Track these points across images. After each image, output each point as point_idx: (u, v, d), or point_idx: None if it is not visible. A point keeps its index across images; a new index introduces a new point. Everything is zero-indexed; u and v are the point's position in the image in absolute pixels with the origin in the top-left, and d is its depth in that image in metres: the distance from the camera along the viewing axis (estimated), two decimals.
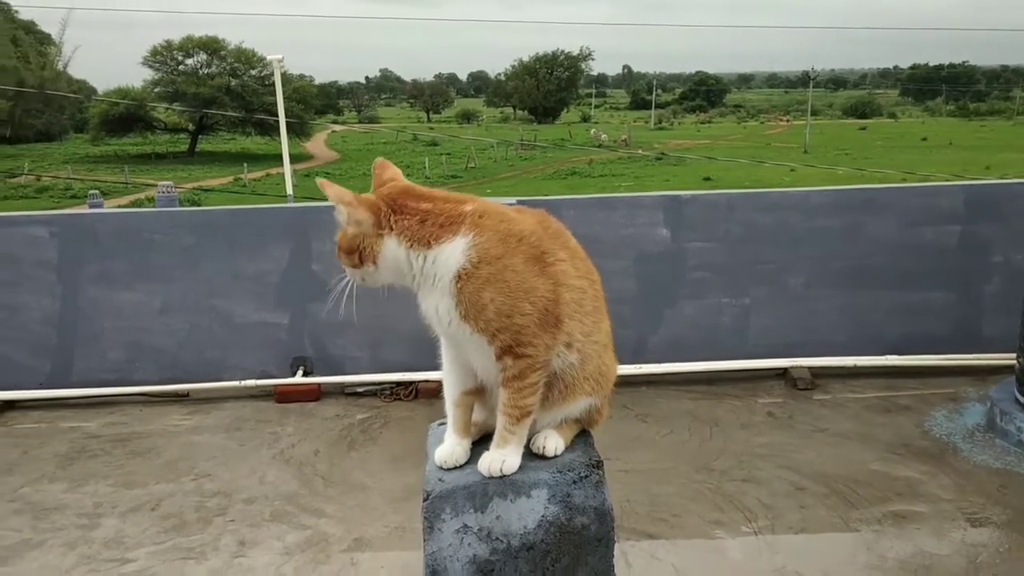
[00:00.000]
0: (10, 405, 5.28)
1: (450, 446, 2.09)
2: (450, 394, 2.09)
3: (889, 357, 5.44)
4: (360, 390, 5.37)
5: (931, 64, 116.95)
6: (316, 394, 5.31)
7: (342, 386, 5.40)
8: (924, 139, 59.92)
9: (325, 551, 3.60)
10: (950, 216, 5.46)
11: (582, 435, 2.18)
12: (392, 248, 1.89)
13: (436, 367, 5.75)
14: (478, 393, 2.06)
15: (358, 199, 1.90)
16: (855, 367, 5.42)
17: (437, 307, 1.90)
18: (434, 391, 5.27)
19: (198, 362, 5.44)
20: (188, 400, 5.35)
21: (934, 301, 5.51)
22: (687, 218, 5.48)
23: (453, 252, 1.86)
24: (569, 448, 2.11)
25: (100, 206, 10.86)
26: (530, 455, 2.06)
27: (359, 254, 1.92)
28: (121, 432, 4.90)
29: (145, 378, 5.42)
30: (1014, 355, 5.06)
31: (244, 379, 5.39)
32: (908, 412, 4.87)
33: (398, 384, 5.37)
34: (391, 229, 1.89)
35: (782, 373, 5.42)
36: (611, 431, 2.17)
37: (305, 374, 5.42)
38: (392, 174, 1.99)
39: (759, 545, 3.58)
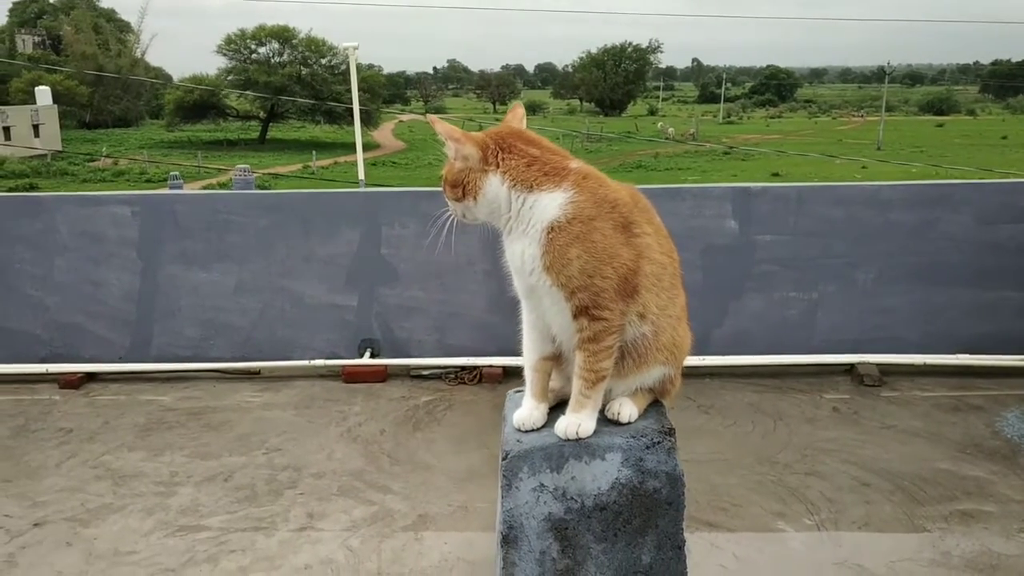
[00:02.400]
0: (92, 377, 5.49)
1: (528, 409, 2.17)
2: (529, 359, 2.14)
3: (960, 356, 5.34)
4: (425, 373, 5.47)
5: (1014, 60, 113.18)
6: (383, 375, 5.42)
7: (408, 369, 5.50)
8: (1004, 138, 58.12)
9: (390, 526, 3.69)
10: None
11: (655, 404, 2.25)
12: (495, 185, 1.98)
13: (500, 352, 5.81)
14: (555, 360, 2.11)
15: (466, 136, 2.01)
16: (925, 365, 5.33)
17: (524, 252, 1.96)
18: (498, 376, 5.35)
19: (270, 341, 5.59)
20: (259, 377, 5.51)
21: (1009, 300, 5.39)
22: (756, 210, 5.44)
23: (552, 202, 1.92)
24: (642, 416, 2.18)
25: (180, 187, 11.17)
26: (605, 421, 2.14)
27: (463, 188, 2.01)
28: (195, 406, 5.07)
29: (219, 355, 5.59)
30: None
31: (313, 359, 5.52)
32: (979, 412, 4.79)
33: (462, 368, 5.45)
34: (497, 166, 1.98)
35: (849, 369, 5.37)
36: (673, 420, 2.20)
37: (372, 356, 5.53)
38: (516, 117, 2.13)
39: (821, 538, 3.57)
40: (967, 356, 5.33)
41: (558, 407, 2.19)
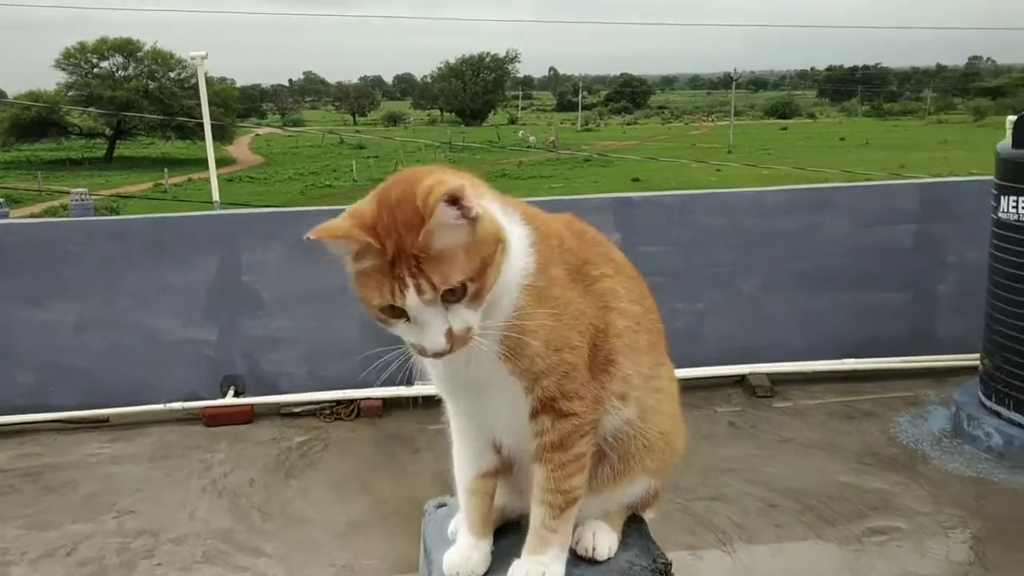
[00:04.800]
0: None
1: (464, 550, 1.54)
2: (463, 478, 1.54)
3: (847, 361, 5.30)
4: (297, 410, 5.01)
5: (846, 66, 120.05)
6: (249, 416, 4.93)
7: (277, 406, 5.03)
8: (842, 139, 61.27)
9: None
10: (905, 215, 5.35)
11: (633, 521, 1.66)
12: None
13: (379, 383, 5.33)
14: (500, 473, 1.54)
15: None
16: (814, 372, 5.26)
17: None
18: (378, 409, 4.95)
19: (119, 384, 5.00)
20: (108, 426, 4.92)
21: (890, 302, 5.39)
22: (638, 221, 5.25)
23: (519, 244, 1.33)
24: (622, 544, 1.60)
25: (6, 215, 10.16)
26: (574, 558, 1.53)
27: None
28: (33, 465, 4.46)
29: (60, 403, 4.96)
30: (971, 356, 4.97)
31: (169, 401, 4.97)
32: (872, 418, 4.72)
33: (338, 403, 5.02)
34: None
35: (740, 380, 5.24)
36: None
37: (236, 394, 5.04)
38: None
39: (735, 568, 3.36)
40: (853, 361, 5.29)
41: (502, 532, 1.59)
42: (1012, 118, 4.49)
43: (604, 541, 1.57)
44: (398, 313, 1.27)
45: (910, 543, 3.48)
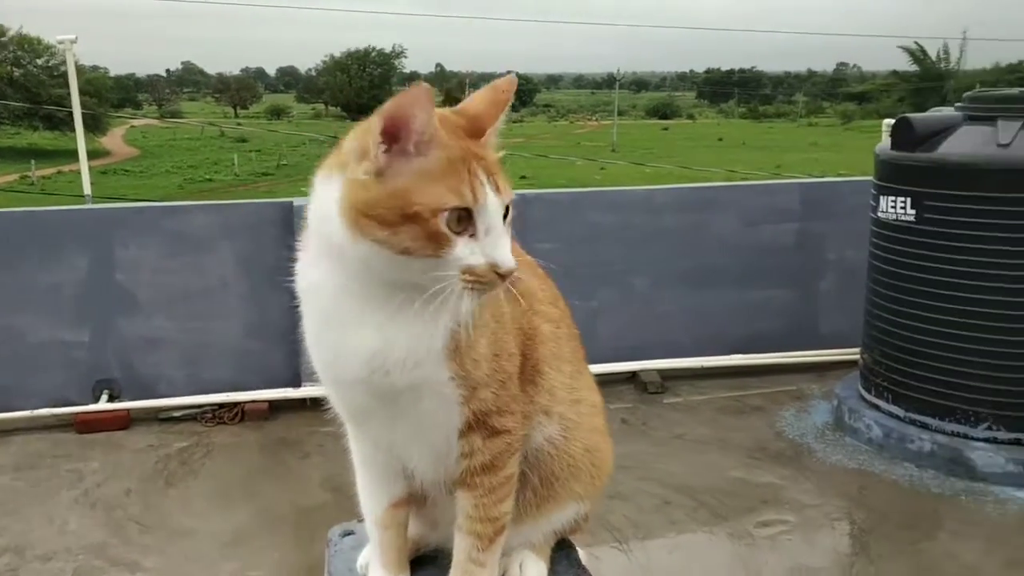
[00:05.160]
0: None
1: None
2: (373, 510, 1.38)
3: (734, 357, 5.40)
4: (177, 415, 4.76)
5: (723, 69, 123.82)
6: (125, 422, 4.66)
7: (155, 411, 4.77)
8: (720, 139, 63.20)
9: None
10: (787, 215, 5.49)
11: (563, 546, 1.55)
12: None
13: (266, 384, 5.14)
14: (412, 503, 1.41)
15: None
16: (702, 368, 5.34)
17: (407, 332, 1.17)
18: (263, 412, 4.77)
19: None
20: None
21: (775, 299, 5.52)
22: (530, 218, 5.22)
23: None
24: (551, 572, 1.50)
25: None
26: None
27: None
28: None
29: None
30: (851, 350, 5.14)
31: (37, 408, 4.66)
32: (759, 413, 4.82)
33: (221, 406, 4.80)
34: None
35: (632, 377, 5.27)
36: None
37: (111, 399, 4.76)
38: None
39: (631, 567, 3.35)
40: (740, 356, 5.40)
41: (419, 564, 1.47)
42: (890, 121, 4.65)
43: (532, 572, 1.46)
44: (463, 224, 1.07)
45: (799, 535, 3.55)
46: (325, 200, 1.12)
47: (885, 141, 4.57)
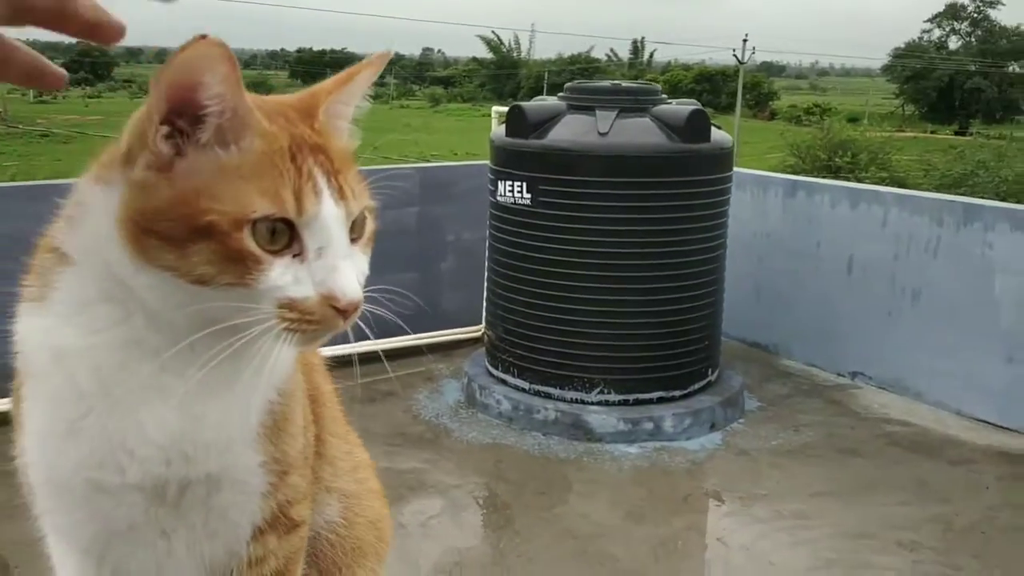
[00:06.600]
0: None
1: None
2: None
3: (363, 343, 5.34)
4: None
5: (315, 49, 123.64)
6: None
7: None
8: None
9: None
10: (408, 198, 5.55)
11: None
12: None
13: None
14: None
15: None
16: (332, 356, 5.22)
17: (204, 404, 0.91)
18: None
19: None
20: None
21: (401, 282, 5.47)
22: None
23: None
24: None
25: None
26: None
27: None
28: None
29: None
30: (474, 328, 5.37)
31: None
32: (393, 398, 4.83)
33: None
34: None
35: None
36: None
37: None
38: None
39: None
40: (369, 342, 5.34)
41: None
42: (500, 109, 4.87)
43: None
44: (279, 241, 0.79)
45: (447, 518, 3.61)
46: (99, 215, 0.79)
47: (498, 128, 4.78)
